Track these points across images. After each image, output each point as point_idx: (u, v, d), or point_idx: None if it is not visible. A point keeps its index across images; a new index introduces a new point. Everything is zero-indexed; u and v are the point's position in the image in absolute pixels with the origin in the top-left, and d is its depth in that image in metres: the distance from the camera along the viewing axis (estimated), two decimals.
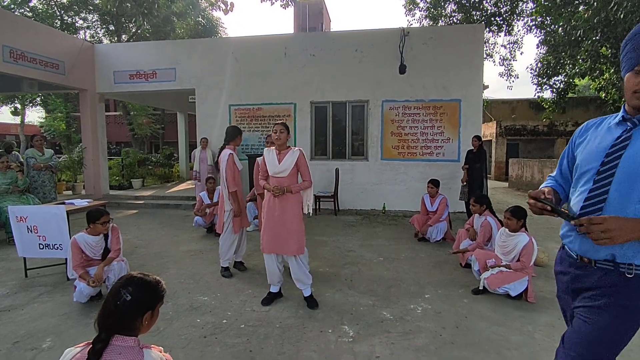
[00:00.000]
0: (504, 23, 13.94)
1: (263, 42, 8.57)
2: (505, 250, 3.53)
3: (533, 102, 19.11)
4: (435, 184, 5.55)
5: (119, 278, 1.25)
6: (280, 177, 3.22)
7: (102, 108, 9.61)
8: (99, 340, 1.09)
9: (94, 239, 3.38)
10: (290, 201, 3.23)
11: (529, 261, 3.35)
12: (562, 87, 13.40)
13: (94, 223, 3.32)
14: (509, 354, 2.54)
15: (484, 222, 4.13)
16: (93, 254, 3.40)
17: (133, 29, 16.90)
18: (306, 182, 3.28)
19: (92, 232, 3.37)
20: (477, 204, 4.31)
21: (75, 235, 3.35)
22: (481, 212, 4.28)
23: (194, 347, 2.62)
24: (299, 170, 3.27)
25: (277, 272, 3.34)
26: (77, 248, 3.29)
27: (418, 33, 8.08)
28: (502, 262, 3.51)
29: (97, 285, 3.22)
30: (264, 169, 3.34)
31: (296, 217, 3.25)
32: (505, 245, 3.53)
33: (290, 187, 3.20)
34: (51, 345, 2.66)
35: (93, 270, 3.35)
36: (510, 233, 3.51)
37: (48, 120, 18.62)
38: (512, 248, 3.46)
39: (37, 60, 7.63)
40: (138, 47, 9.61)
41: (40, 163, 6.15)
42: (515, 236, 3.47)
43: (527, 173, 12.93)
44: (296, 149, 3.28)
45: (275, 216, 3.23)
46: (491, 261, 3.56)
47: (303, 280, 3.31)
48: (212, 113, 8.72)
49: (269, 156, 3.28)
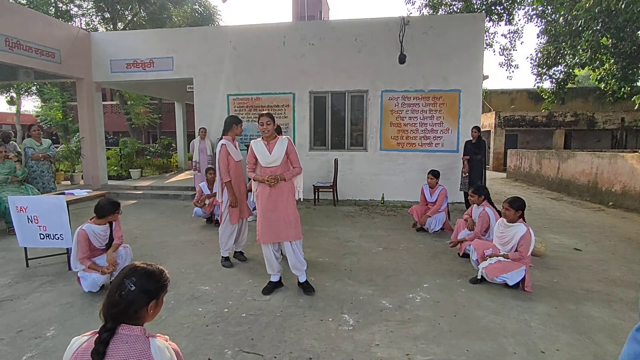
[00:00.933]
0: (505, 12, 13.81)
1: (261, 30, 8.48)
2: (503, 241, 3.57)
3: (532, 93, 19.06)
4: (435, 175, 5.55)
5: (123, 268, 1.26)
6: (273, 167, 3.29)
7: (99, 97, 9.53)
8: (105, 330, 1.11)
9: (101, 228, 3.41)
10: (284, 189, 3.31)
11: (527, 251, 3.39)
12: (561, 77, 13.34)
13: (112, 214, 3.38)
14: (506, 341, 2.59)
15: (481, 213, 4.16)
16: (99, 243, 3.42)
17: (129, 17, 16.63)
18: (296, 168, 3.38)
19: (98, 222, 3.39)
20: (475, 194, 4.34)
21: (83, 226, 3.35)
22: (479, 202, 4.31)
23: (197, 335, 2.66)
24: (289, 157, 3.36)
25: (276, 261, 3.41)
26: (85, 239, 3.30)
27: (418, 22, 8.00)
28: (500, 252, 3.55)
29: (112, 270, 3.28)
30: (252, 161, 3.38)
31: (291, 203, 3.34)
32: (503, 236, 3.57)
33: (283, 175, 3.28)
34: (55, 334, 2.69)
35: (98, 260, 3.39)
36: (508, 224, 3.54)
37: (44, 109, 18.45)
38: (510, 238, 3.50)
39: (32, 49, 7.53)
40: (135, 36, 9.49)
41: (38, 153, 6.12)
42: (513, 227, 3.50)
43: (525, 164, 12.97)
44: (284, 137, 3.35)
45: (271, 205, 3.29)
46: (489, 251, 3.60)
47: (298, 267, 3.39)
48: (210, 103, 8.67)
49: (258, 147, 3.33)
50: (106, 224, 3.45)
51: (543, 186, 11.30)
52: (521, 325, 2.83)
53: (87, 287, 3.28)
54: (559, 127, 17.86)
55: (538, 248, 4.44)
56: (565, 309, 3.10)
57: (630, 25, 8.87)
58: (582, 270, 4.02)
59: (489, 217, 4.12)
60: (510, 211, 3.50)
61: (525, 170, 12.98)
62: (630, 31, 9.29)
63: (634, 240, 5.20)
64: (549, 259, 4.38)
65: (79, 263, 3.31)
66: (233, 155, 3.97)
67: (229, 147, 3.94)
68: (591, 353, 2.46)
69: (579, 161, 9.50)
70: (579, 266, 4.14)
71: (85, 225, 3.38)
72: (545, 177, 11.28)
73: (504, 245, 3.55)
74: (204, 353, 2.44)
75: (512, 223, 3.52)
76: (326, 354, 2.43)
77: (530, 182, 12.35)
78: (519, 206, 3.51)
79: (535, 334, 2.69)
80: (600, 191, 8.47)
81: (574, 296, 3.35)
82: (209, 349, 2.49)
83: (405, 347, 2.52)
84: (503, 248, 3.56)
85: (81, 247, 3.29)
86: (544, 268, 4.06)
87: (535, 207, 7.91)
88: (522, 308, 3.10)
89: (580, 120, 17.64)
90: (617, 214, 7.16)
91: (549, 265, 4.15)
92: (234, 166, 3.97)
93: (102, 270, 3.26)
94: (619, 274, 3.90)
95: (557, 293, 3.41)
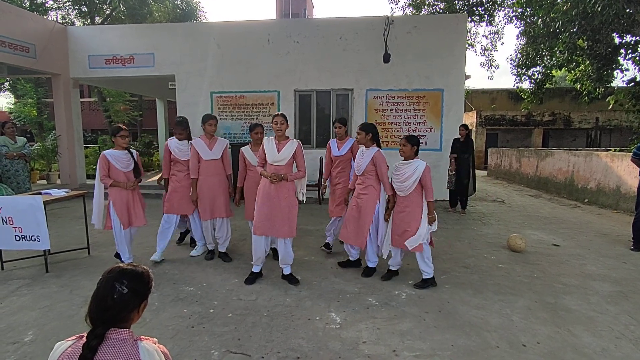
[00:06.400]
0: (486, 13, 14.07)
1: (246, 27, 8.38)
2: (403, 177, 3.44)
3: (512, 93, 19.53)
4: (342, 122, 4.45)
5: (108, 271, 1.21)
6: (278, 165, 3.46)
7: (76, 94, 9.23)
8: (95, 336, 1.07)
9: (121, 152, 3.87)
10: (285, 188, 3.48)
11: (431, 185, 3.40)
12: (540, 78, 13.71)
13: (114, 136, 3.85)
14: (489, 335, 2.66)
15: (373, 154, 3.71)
16: (122, 166, 3.85)
17: (107, 11, 16.17)
18: (301, 172, 3.58)
19: (117, 148, 3.88)
20: (362, 131, 3.72)
21: (104, 152, 3.87)
22: (368, 144, 3.76)
23: (182, 337, 2.62)
24: (296, 161, 3.56)
25: (263, 253, 3.60)
26: (104, 161, 3.79)
27: (402, 22, 8.07)
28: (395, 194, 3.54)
29: (133, 186, 3.92)
30: (263, 156, 3.55)
31: (290, 203, 3.51)
32: (402, 173, 3.45)
33: (286, 175, 3.45)
34: (33, 338, 2.60)
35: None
36: (406, 162, 3.47)
37: (17, 106, 17.72)
38: (411, 173, 3.39)
39: (5, 43, 7.22)
40: (114, 31, 9.21)
41: (12, 152, 5.89)
42: (412, 163, 3.43)
43: (506, 162, 13.29)
44: (295, 141, 3.54)
45: (269, 200, 3.45)
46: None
47: (287, 261, 3.56)
48: (193, 101, 8.51)
49: (269, 145, 3.50)
50: (125, 151, 3.89)
51: (522, 184, 11.62)
52: (503, 319, 2.90)
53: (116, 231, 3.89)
54: (537, 126, 18.38)
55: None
56: (545, 302, 3.20)
57: (606, 28, 9.18)
58: (560, 265, 4.16)
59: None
60: (407, 146, 3.42)
61: (505, 168, 13.30)
62: (605, 33, 9.62)
63: (608, 236, 5.41)
64: (528, 254, 4.51)
65: (103, 181, 3.80)
66: (202, 154, 4.09)
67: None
68: (570, 345, 2.55)
69: (556, 159, 9.81)
70: (557, 261, 4.28)
71: (105, 151, 3.89)
72: (525, 175, 11.59)
73: (404, 181, 3.43)
74: (190, 355, 2.40)
75: (409, 160, 3.45)
76: (314, 353, 2.44)
77: (510, 179, 12.67)
78: (416, 142, 3.45)
79: (516, 328, 2.77)
80: (576, 188, 8.76)
81: (553, 290, 3.46)
82: (195, 350, 2.45)
83: (392, 344, 2.55)
84: (402, 185, 3.44)
85: (102, 167, 3.79)
86: (524, 263, 4.18)
87: (515, 204, 8.12)
88: (504, 303, 3.19)
89: (557, 119, 18.20)
90: (593, 210, 7.42)
91: (529, 261, 4.27)
92: (203, 164, 4.10)
93: (126, 184, 3.84)
94: (595, 268, 4.05)
95: (537, 287, 3.52)
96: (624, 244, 4.95)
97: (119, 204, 3.86)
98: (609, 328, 2.79)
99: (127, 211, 3.94)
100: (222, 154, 4.20)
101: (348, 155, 4.40)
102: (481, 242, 5.04)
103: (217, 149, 4.15)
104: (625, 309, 3.09)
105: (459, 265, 4.10)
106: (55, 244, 4.31)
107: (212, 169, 4.12)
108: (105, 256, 4.28)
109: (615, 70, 10.95)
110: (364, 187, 3.71)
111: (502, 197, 8.97)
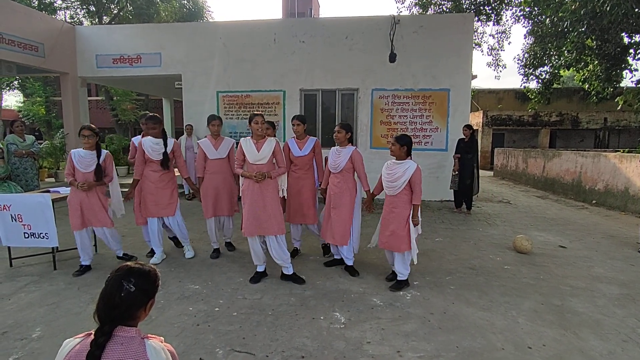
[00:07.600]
0: (493, 12, 13.96)
1: (252, 27, 8.40)
2: (393, 177, 3.43)
3: (519, 93, 19.35)
4: (301, 120, 4.22)
5: (116, 269, 1.23)
6: (260, 164, 3.49)
7: (84, 93, 9.31)
8: (102, 333, 1.09)
9: (85, 152, 3.74)
10: (269, 186, 3.52)
11: (420, 188, 3.36)
12: (547, 77, 13.57)
13: (83, 130, 3.73)
14: (494, 337, 2.64)
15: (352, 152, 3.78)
16: (82, 166, 3.72)
17: (115, 11, 16.30)
18: (282, 168, 3.63)
19: (84, 147, 3.78)
20: (343, 129, 3.79)
21: (72, 150, 3.84)
22: (344, 143, 3.83)
23: (188, 335, 2.64)
24: (275, 158, 3.59)
25: (261, 252, 3.62)
26: (69, 159, 3.76)
27: (409, 21, 8.04)
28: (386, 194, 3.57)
29: (84, 187, 3.69)
30: (241, 158, 3.56)
31: (275, 200, 3.54)
32: (393, 173, 3.44)
33: (270, 172, 3.49)
34: (41, 335, 2.63)
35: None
36: (397, 161, 3.45)
37: (26, 104, 17.95)
38: (400, 174, 3.38)
39: (15, 42, 7.31)
40: (122, 30, 9.28)
41: (21, 150, 5.96)
42: (402, 163, 3.41)
43: (512, 162, 13.19)
44: (272, 139, 3.58)
45: (256, 200, 3.47)
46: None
47: (283, 258, 3.56)
48: (200, 100, 8.55)
49: (247, 145, 3.53)
50: (93, 151, 3.75)
51: (529, 184, 11.52)
52: (509, 321, 2.88)
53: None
54: (544, 126, 18.20)
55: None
56: (551, 305, 3.17)
57: (615, 28, 9.07)
58: (567, 267, 4.12)
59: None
60: (396, 146, 3.39)
61: (511, 168, 13.20)
62: (614, 33, 9.50)
63: (616, 238, 5.35)
64: (535, 256, 4.48)
65: (65, 177, 3.77)
66: (208, 153, 4.20)
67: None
68: (576, 348, 2.53)
69: (563, 160, 9.71)
70: (564, 263, 4.24)
71: (75, 149, 3.83)
72: (531, 176, 11.50)
73: (394, 181, 3.42)
74: (196, 353, 2.42)
75: (401, 160, 3.44)
76: (318, 352, 2.44)
77: (516, 180, 12.57)
78: (406, 142, 3.41)
79: (522, 330, 2.75)
80: (584, 189, 8.67)
81: (559, 292, 3.43)
82: (200, 348, 2.47)
83: (396, 345, 2.54)
84: (392, 184, 3.44)
85: (67, 165, 3.76)
86: (530, 265, 4.15)
87: (521, 205, 8.06)
88: (510, 304, 3.17)
89: (565, 120, 18.01)
90: (600, 211, 7.35)
91: (535, 262, 4.24)
92: (209, 163, 4.22)
93: (77, 185, 3.69)
94: (602, 271, 4.01)
95: (543, 289, 3.49)
96: (632, 246, 4.89)
97: (72, 204, 3.76)
98: (615, 331, 2.76)
99: (81, 212, 3.76)
100: (229, 153, 4.30)
101: (310, 156, 4.20)
102: (487, 243, 5.01)
103: (222, 149, 4.27)
104: (633, 312, 3.06)
105: (465, 267, 4.08)
106: (63, 242, 4.35)
107: (216, 168, 4.24)
108: (113, 254, 4.31)
109: (624, 70, 10.80)
110: (341, 185, 3.80)
111: (508, 198, 8.91)
